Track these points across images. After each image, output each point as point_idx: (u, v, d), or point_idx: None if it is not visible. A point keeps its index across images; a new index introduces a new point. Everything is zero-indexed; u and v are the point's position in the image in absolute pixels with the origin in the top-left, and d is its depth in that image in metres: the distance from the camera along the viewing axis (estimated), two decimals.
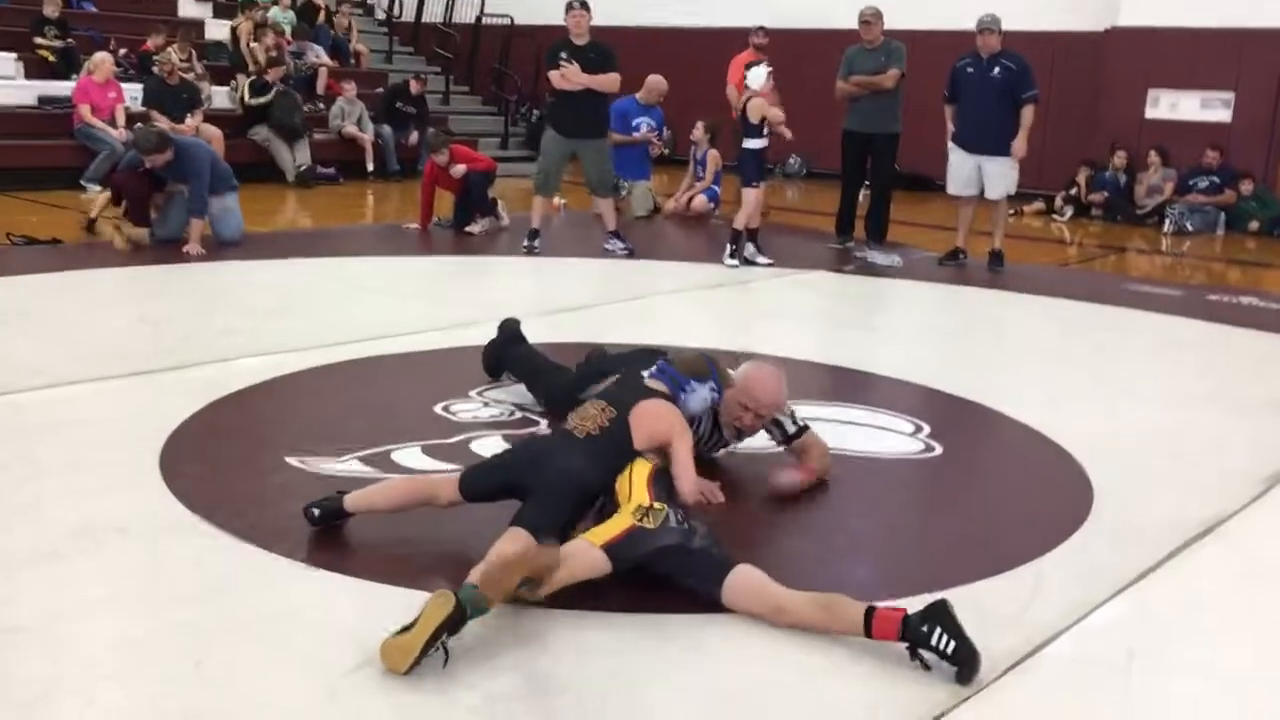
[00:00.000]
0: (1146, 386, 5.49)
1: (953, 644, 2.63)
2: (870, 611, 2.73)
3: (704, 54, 14.17)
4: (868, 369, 5.58)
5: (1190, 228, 11.90)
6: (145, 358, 5.06)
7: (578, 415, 3.34)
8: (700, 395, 3.51)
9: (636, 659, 2.72)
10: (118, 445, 3.95)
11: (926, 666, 2.67)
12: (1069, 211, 12.67)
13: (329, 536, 3.30)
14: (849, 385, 5.33)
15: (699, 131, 11.00)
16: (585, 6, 8.21)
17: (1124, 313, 7.30)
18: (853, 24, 9.41)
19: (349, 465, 3.85)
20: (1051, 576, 3.32)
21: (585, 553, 2.90)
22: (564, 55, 8.11)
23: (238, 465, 3.90)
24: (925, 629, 2.65)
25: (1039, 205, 12.88)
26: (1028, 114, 8.46)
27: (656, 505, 3.02)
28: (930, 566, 3.40)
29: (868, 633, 2.72)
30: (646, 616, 2.90)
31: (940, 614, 2.67)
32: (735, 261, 8.13)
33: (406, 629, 2.56)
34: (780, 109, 8.20)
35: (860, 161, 9.33)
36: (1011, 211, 12.33)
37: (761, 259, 8.28)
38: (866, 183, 9.49)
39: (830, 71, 9.41)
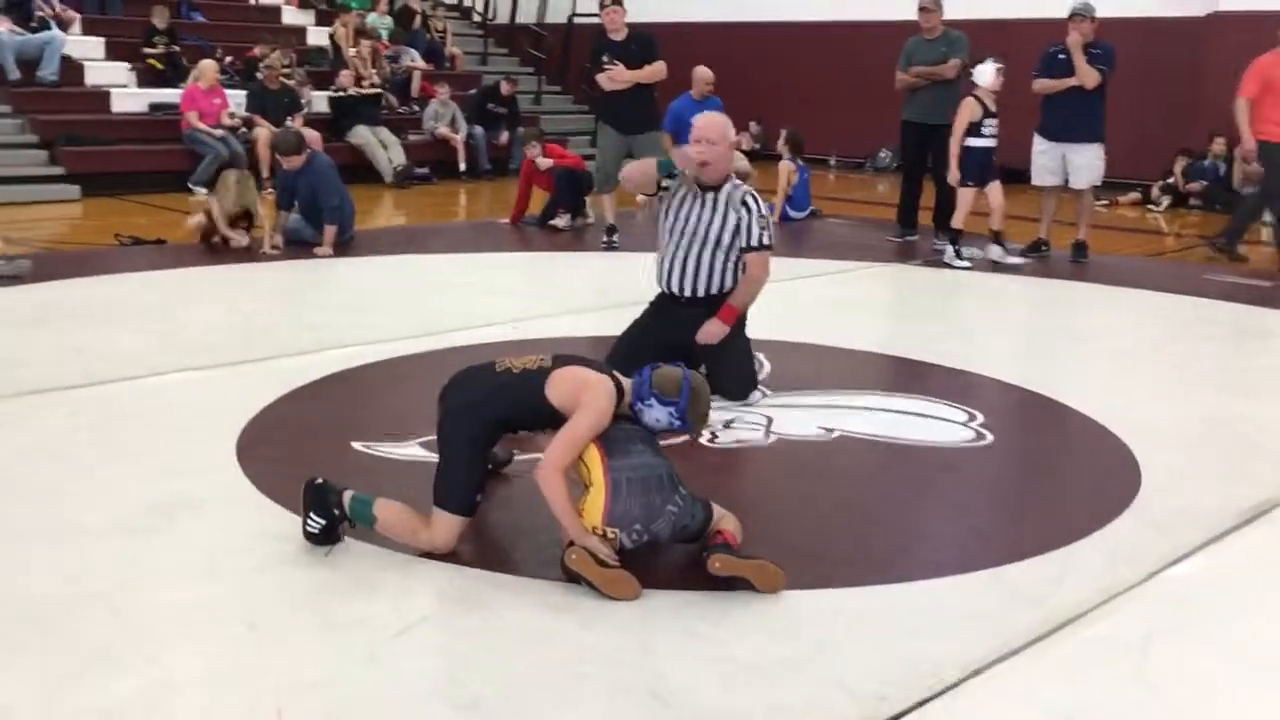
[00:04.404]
0: (1215, 377, 5.44)
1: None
2: None
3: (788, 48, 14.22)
4: (931, 360, 5.61)
5: None
6: (232, 350, 5.35)
7: (518, 355, 3.35)
8: (655, 414, 3.23)
9: (660, 629, 2.86)
10: (199, 430, 4.22)
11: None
12: (1165, 202, 12.41)
13: None
14: (908, 375, 5.38)
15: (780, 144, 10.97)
16: (618, 2, 8.28)
17: (1205, 303, 7.18)
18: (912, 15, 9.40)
19: (410, 450, 4.06)
20: (1084, 559, 3.36)
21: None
22: (606, 57, 8.23)
23: (308, 450, 4.13)
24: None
25: (1135, 196, 12.64)
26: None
27: (609, 533, 3.07)
28: (960, 549, 3.47)
29: None
30: (674, 593, 3.04)
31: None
32: (965, 262, 8.21)
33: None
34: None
35: (921, 152, 9.28)
36: (1105, 202, 12.18)
37: (959, 261, 8.23)
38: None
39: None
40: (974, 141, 8.18)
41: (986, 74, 8.10)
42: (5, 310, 6.12)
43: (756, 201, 4.86)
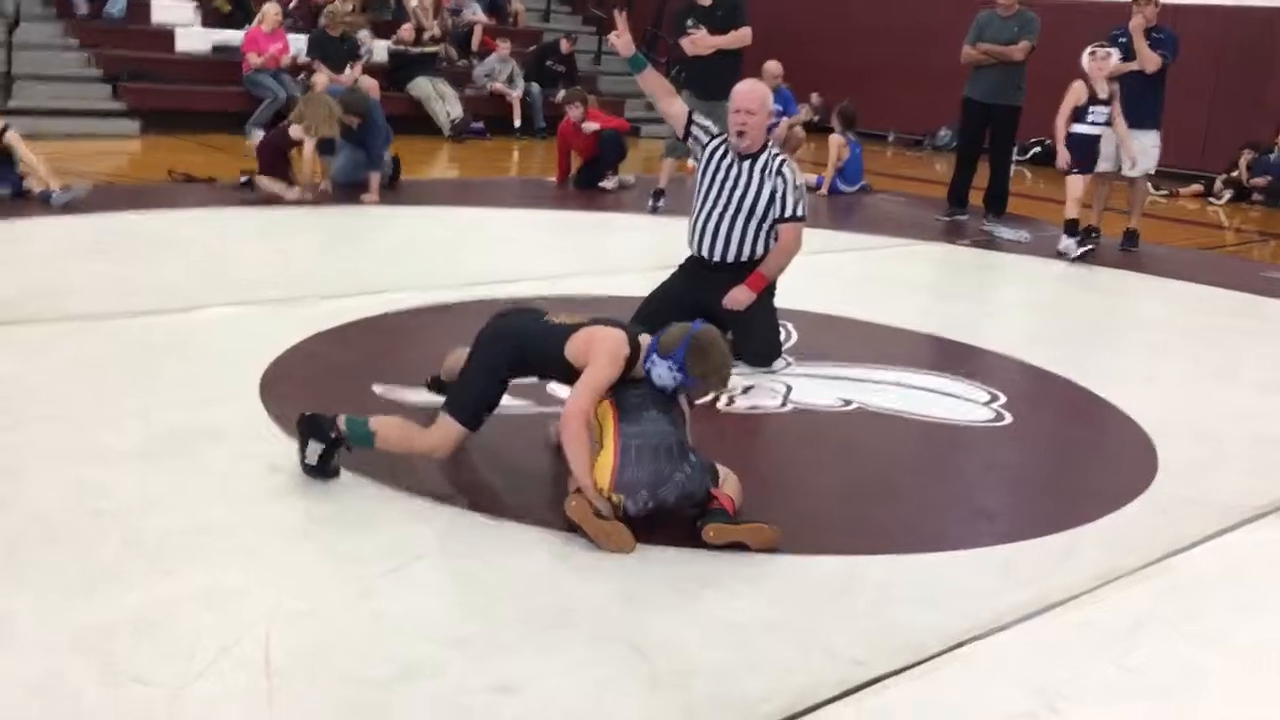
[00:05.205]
0: (1247, 372, 5.36)
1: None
2: None
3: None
4: (961, 340, 5.58)
5: None
6: (269, 289, 5.45)
7: (569, 312, 3.54)
8: (658, 370, 3.24)
9: (650, 583, 2.90)
10: (227, 364, 4.31)
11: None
12: (1227, 195, 12.17)
13: (385, 456, 3.53)
14: (935, 354, 5.36)
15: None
16: None
17: (1254, 299, 7.07)
18: None
19: (428, 396, 4.11)
20: (1086, 544, 3.36)
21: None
22: (690, 21, 8.15)
23: (329, 388, 4.21)
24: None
25: (1196, 188, 12.41)
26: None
27: (614, 498, 3.12)
28: (963, 525, 3.48)
29: None
30: (669, 548, 3.08)
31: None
32: (1076, 252, 7.88)
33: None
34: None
35: (980, 132, 9.18)
36: (1166, 192, 11.98)
37: (1074, 251, 7.86)
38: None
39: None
40: (1077, 127, 7.89)
41: (1084, 59, 7.89)
42: (58, 240, 6.27)
43: (793, 172, 4.86)
